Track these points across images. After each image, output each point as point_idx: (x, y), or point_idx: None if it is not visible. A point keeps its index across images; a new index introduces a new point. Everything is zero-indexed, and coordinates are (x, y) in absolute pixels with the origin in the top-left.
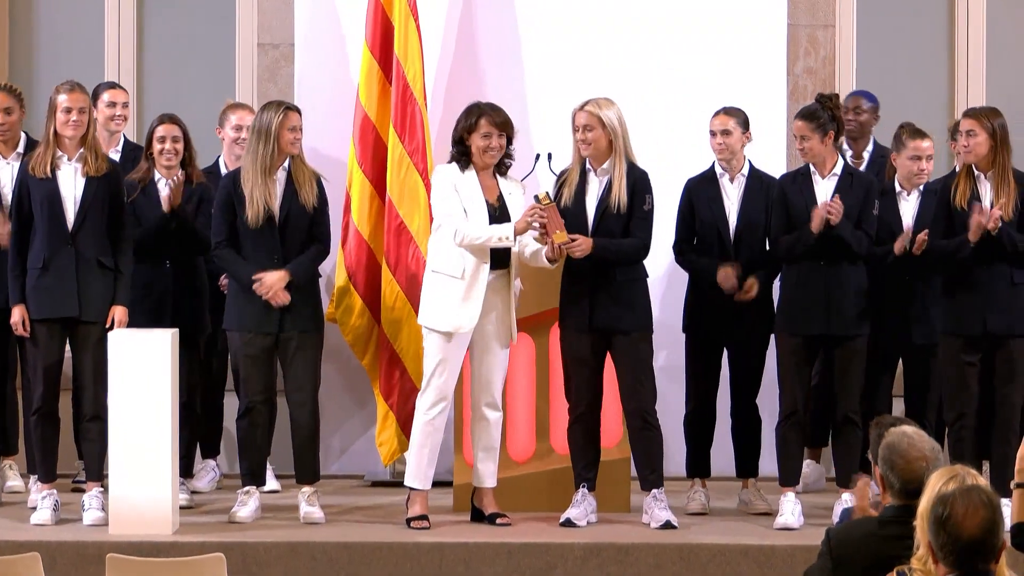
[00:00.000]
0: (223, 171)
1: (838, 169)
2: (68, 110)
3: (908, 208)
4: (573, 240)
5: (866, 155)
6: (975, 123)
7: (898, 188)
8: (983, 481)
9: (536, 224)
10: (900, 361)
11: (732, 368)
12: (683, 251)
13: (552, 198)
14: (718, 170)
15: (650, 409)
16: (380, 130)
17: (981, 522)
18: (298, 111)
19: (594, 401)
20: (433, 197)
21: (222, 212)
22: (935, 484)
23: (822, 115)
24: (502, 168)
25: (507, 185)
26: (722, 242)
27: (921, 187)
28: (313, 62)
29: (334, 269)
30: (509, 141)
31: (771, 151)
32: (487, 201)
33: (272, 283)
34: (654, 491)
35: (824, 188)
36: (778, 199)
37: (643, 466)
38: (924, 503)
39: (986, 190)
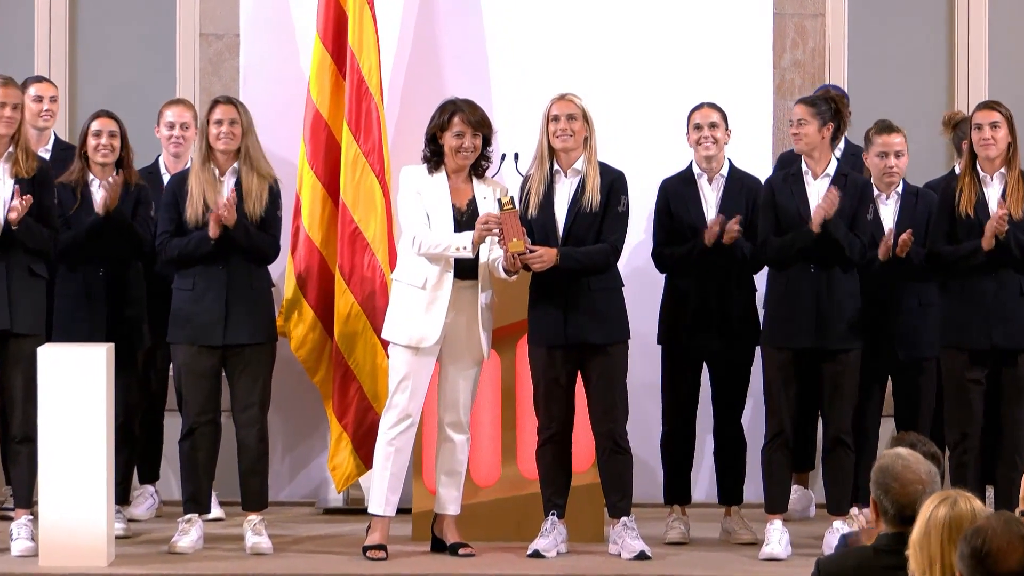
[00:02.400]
0: (163, 172)
1: (831, 170)
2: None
3: (887, 212)
4: (532, 251)
5: (836, 154)
6: (998, 115)
7: (875, 191)
8: (979, 505)
9: (496, 231)
10: (889, 378)
11: (714, 384)
12: (663, 254)
13: (515, 202)
14: (696, 170)
15: (621, 431)
16: (333, 128)
17: (1022, 557)
18: (234, 104)
19: (565, 421)
20: (398, 201)
21: (167, 209)
22: (927, 510)
23: (824, 106)
24: (478, 170)
25: (483, 189)
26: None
27: (899, 189)
28: (260, 54)
29: (283, 278)
30: (486, 141)
31: (755, 151)
32: (454, 206)
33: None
34: (624, 519)
35: (817, 189)
36: (766, 201)
37: (612, 492)
38: (917, 531)
39: (993, 192)
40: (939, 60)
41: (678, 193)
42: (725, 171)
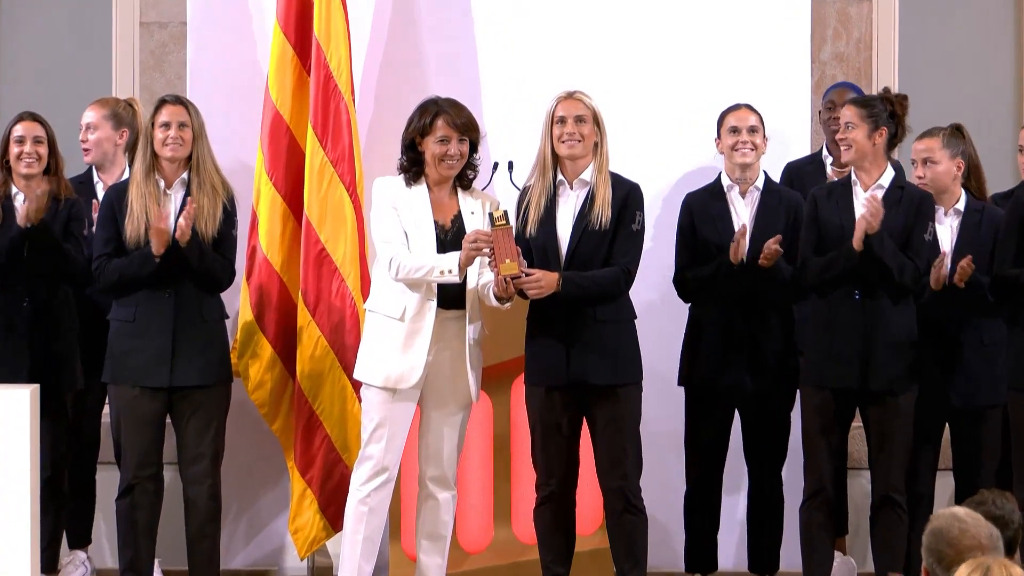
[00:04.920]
0: (96, 180)
1: (885, 181)
2: None
3: (944, 231)
4: (528, 274)
5: None
6: None
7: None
8: (1018, 572)
9: (486, 251)
10: (946, 427)
11: (746, 433)
12: (686, 278)
13: (508, 217)
14: (726, 182)
15: (634, 487)
16: (295, 132)
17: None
18: (183, 104)
19: (567, 476)
20: (371, 218)
21: (104, 227)
22: None
23: (878, 107)
24: (464, 181)
25: (471, 203)
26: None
27: (960, 204)
28: (210, 45)
29: (237, 309)
30: (473, 148)
31: (791, 157)
32: (436, 223)
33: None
34: None
35: None
36: (809, 215)
37: (623, 558)
38: None
39: None
40: (1007, 54)
41: (705, 209)
42: (760, 183)
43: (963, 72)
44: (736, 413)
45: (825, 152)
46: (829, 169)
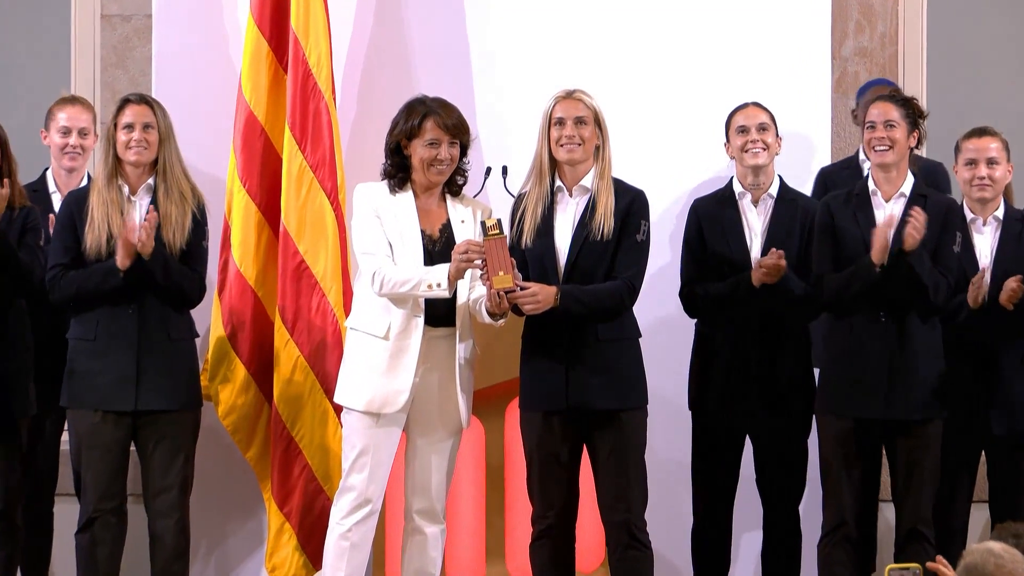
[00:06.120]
0: (52, 189)
1: (907, 188)
2: None
3: (983, 241)
4: (524, 288)
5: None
6: None
7: (969, 214)
8: None
9: (478, 263)
10: (982, 456)
11: (759, 463)
12: (694, 293)
13: (502, 226)
14: (737, 188)
15: (638, 521)
16: (271, 134)
17: None
18: (148, 104)
19: (567, 509)
20: (352, 228)
21: (62, 235)
22: None
23: (912, 106)
24: (453, 187)
25: (461, 211)
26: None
27: (999, 212)
28: (178, 39)
29: (208, 326)
30: (463, 151)
31: (810, 164)
32: (424, 233)
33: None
34: None
35: (889, 213)
36: (824, 225)
37: None
38: None
39: None
40: None
41: (714, 217)
42: (774, 190)
43: (998, 69)
44: (748, 441)
45: (862, 156)
46: (867, 173)
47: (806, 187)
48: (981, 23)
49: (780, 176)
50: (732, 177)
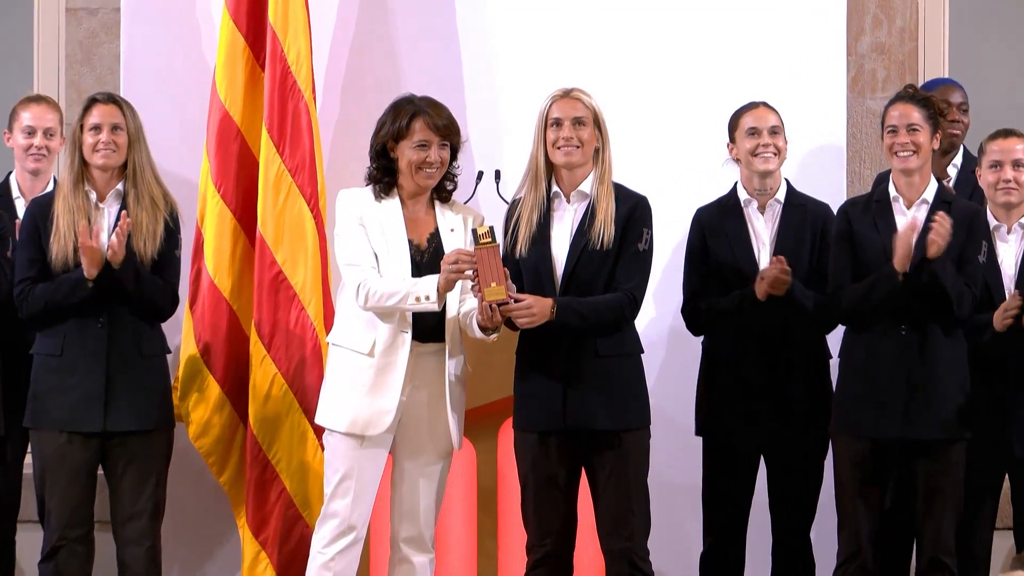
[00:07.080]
0: (16, 193)
1: (930, 195)
2: None
3: (1007, 251)
4: (518, 300)
5: (952, 171)
6: None
7: (993, 221)
8: None
9: (469, 273)
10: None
11: (772, 486)
12: (698, 309)
13: (494, 234)
14: (742, 195)
15: (640, 549)
16: (247, 136)
17: None
18: (117, 104)
19: (564, 536)
20: (335, 237)
21: (27, 247)
22: None
23: (933, 104)
24: (442, 193)
25: (451, 218)
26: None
27: None
28: (148, 35)
29: (179, 342)
30: (453, 154)
31: (822, 168)
32: (411, 242)
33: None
34: None
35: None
36: (841, 233)
37: None
38: None
39: None
40: None
41: (718, 226)
42: (782, 195)
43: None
44: (761, 463)
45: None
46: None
47: (817, 192)
48: (1006, 16)
49: (787, 180)
50: (736, 182)
